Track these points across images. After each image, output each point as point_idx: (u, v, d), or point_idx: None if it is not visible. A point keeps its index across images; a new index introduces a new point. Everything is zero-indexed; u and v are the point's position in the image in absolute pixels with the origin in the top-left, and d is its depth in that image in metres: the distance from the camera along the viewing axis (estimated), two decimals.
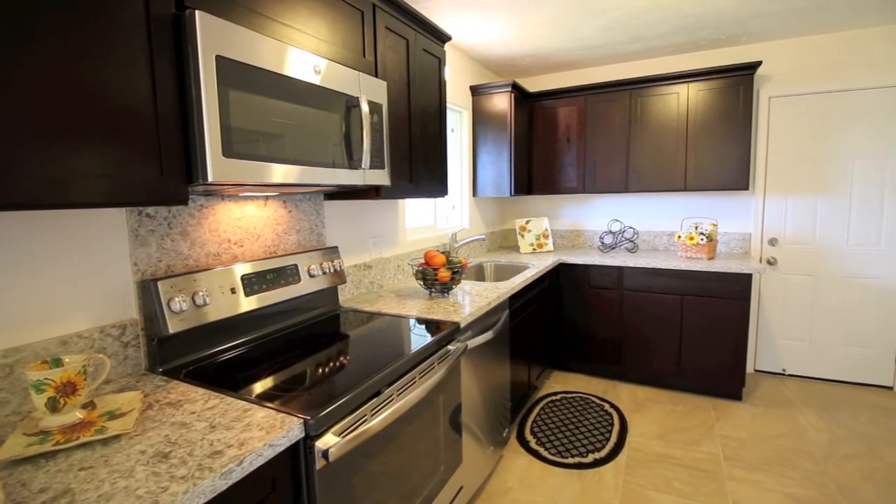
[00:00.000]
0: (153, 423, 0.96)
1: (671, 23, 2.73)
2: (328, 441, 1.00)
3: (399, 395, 1.28)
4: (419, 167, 2.05)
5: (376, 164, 1.58)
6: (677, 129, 3.09)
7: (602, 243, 3.64)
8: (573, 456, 2.32)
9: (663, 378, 3.09)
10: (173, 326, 1.24)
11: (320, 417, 0.98)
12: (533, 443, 2.45)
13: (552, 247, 3.65)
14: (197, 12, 0.97)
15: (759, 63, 2.81)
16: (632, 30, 2.83)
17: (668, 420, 2.67)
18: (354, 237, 2.18)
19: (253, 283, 1.49)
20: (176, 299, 1.24)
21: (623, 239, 3.63)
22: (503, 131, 3.29)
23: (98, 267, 1.18)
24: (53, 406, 0.91)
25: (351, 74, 1.45)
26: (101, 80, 0.88)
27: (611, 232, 3.67)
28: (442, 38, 2.19)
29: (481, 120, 3.37)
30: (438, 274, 2.04)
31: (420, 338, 1.51)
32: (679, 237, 3.10)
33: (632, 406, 2.86)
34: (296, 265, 1.68)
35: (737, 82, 2.90)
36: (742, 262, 2.85)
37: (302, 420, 0.96)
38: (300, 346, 1.45)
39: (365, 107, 1.44)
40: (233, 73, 1.05)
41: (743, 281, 2.75)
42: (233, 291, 1.42)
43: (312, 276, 1.74)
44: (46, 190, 0.80)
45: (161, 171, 0.99)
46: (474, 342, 1.84)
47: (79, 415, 0.95)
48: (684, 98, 3.05)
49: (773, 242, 3.25)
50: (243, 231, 1.58)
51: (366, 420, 1.13)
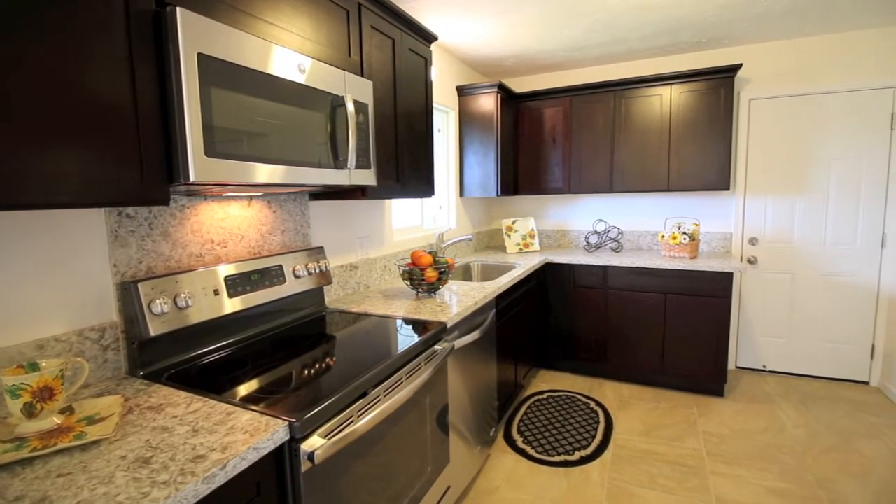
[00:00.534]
0: (134, 428, 0.94)
1: (654, 25, 2.77)
2: (314, 443, 0.99)
3: (386, 396, 1.28)
4: (406, 167, 2.05)
5: (362, 164, 1.57)
6: (660, 130, 3.14)
7: (587, 243, 3.68)
8: (560, 454, 2.34)
9: (647, 375, 3.14)
10: (154, 329, 1.21)
11: (306, 420, 0.97)
12: (520, 441, 2.46)
13: (538, 247, 3.67)
14: (178, 9, 0.96)
15: (740, 66, 2.87)
16: (615, 32, 2.87)
17: (653, 417, 2.71)
18: (340, 237, 2.17)
19: (237, 285, 1.47)
20: (157, 301, 1.22)
21: (608, 238, 3.67)
22: (490, 131, 3.30)
23: (76, 268, 1.16)
24: (30, 411, 0.89)
25: (336, 74, 1.44)
26: (78, 78, 0.86)
27: (596, 232, 3.71)
28: (428, 38, 2.19)
29: (468, 120, 3.38)
30: (425, 274, 2.04)
31: (407, 338, 1.51)
32: (662, 237, 3.15)
33: (617, 404, 2.89)
34: (281, 266, 1.66)
35: (718, 85, 2.96)
36: (723, 261, 2.90)
37: (287, 422, 0.95)
38: (286, 348, 1.44)
39: (350, 106, 1.44)
40: (215, 72, 1.04)
41: (724, 280, 2.80)
42: (216, 293, 1.40)
43: (298, 277, 1.72)
44: (18, 190, 0.78)
45: (141, 171, 0.97)
46: (461, 342, 1.84)
47: (56, 420, 0.93)
48: (667, 100, 3.10)
49: (754, 242, 3.32)
50: (227, 232, 1.56)
51: (352, 421, 1.13)
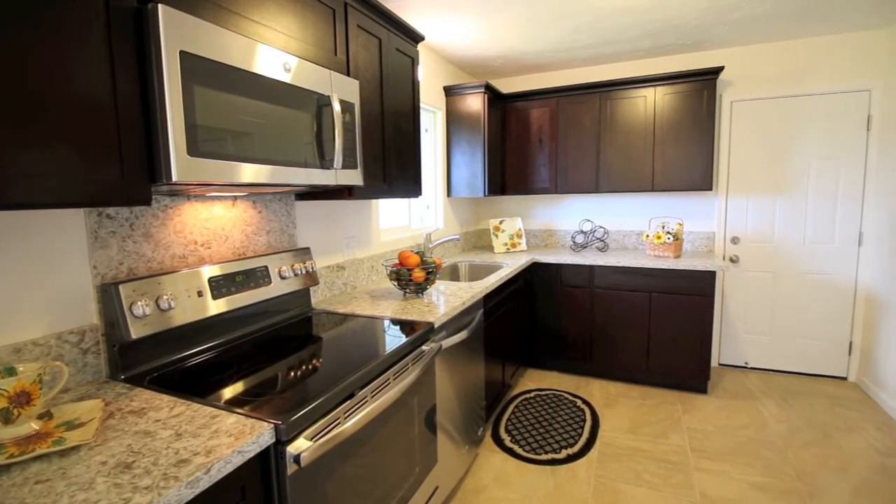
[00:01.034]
0: (115, 433, 0.92)
1: (638, 28, 2.80)
2: (300, 446, 0.98)
3: (373, 397, 1.27)
4: (393, 167, 2.04)
5: (349, 164, 1.56)
6: (645, 131, 3.18)
7: (574, 242, 3.71)
8: (547, 452, 2.35)
9: (633, 373, 3.18)
10: (136, 331, 1.19)
11: (292, 422, 0.97)
12: (508, 441, 2.47)
13: (525, 246, 3.69)
14: (160, 6, 0.94)
15: (721, 68, 2.92)
16: (601, 33, 2.90)
17: (638, 414, 2.74)
18: (327, 238, 2.15)
19: (221, 286, 1.45)
20: (139, 303, 1.20)
21: (594, 238, 3.71)
22: (477, 132, 3.31)
23: (54, 270, 1.13)
24: (6, 417, 0.87)
25: (322, 73, 1.43)
26: (56, 76, 0.84)
27: (582, 231, 3.74)
28: (415, 38, 2.19)
29: (455, 120, 3.38)
30: (413, 274, 2.03)
31: (394, 339, 1.50)
32: (647, 236, 3.19)
33: (603, 401, 2.92)
34: (266, 267, 1.65)
35: (700, 87, 3.01)
36: (706, 260, 2.95)
37: (273, 425, 0.94)
38: (271, 350, 1.42)
39: (337, 106, 1.43)
40: (198, 70, 1.02)
41: (707, 278, 2.85)
42: (199, 294, 1.38)
43: (284, 278, 1.70)
44: None
45: (122, 171, 0.95)
46: (449, 342, 1.84)
47: (34, 426, 0.91)
48: (651, 101, 3.14)
49: (736, 241, 3.38)
50: (210, 232, 1.54)
51: (339, 423, 1.12)
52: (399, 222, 2.96)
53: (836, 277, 3.14)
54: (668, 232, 3.10)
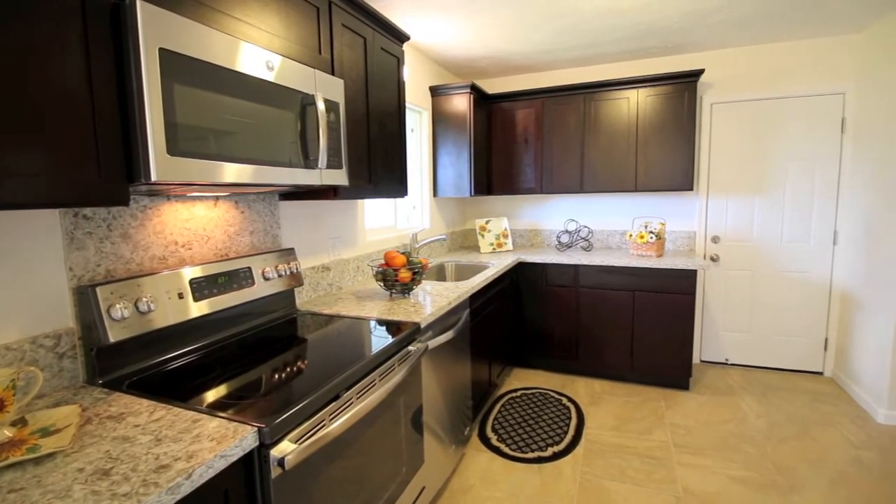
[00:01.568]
0: (92, 439, 0.90)
1: (622, 30, 2.84)
2: (284, 448, 0.97)
3: (359, 399, 1.27)
4: (378, 167, 2.03)
5: (333, 164, 1.55)
6: (628, 133, 3.22)
7: (559, 242, 3.74)
8: (533, 450, 2.37)
9: (617, 371, 3.21)
10: (114, 335, 1.16)
11: (276, 425, 0.95)
12: (494, 440, 2.48)
13: (511, 246, 3.71)
14: (138, 2, 0.92)
15: (702, 71, 2.97)
16: (585, 35, 2.92)
17: (623, 411, 2.78)
18: (312, 238, 2.13)
19: (203, 288, 1.43)
20: (117, 306, 1.17)
21: (579, 238, 3.74)
22: (463, 132, 3.31)
23: (28, 272, 1.10)
24: None
25: (306, 72, 1.41)
26: (30, 73, 0.81)
27: (567, 231, 3.77)
28: (400, 38, 2.18)
29: (441, 120, 3.38)
30: (399, 275, 2.03)
31: (380, 339, 1.50)
32: (630, 236, 3.23)
33: (588, 399, 2.95)
34: (249, 268, 1.62)
35: (682, 89, 3.06)
36: (688, 259, 3.00)
37: (256, 428, 0.93)
38: (255, 352, 1.40)
39: (321, 105, 1.42)
40: (178, 67, 1.00)
41: (689, 277, 2.90)
42: (180, 296, 1.35)
43: (267, 279, 1.68)
44: None
45: (99, 170, 0.93)
46: (435, 342, 1.84)
47: (7, 433, 0.88)
48: (634, 103, 3.18)
49: (716, 240, 3.45)
50: (192, 233, 1.51)
51: (324, 425, 1.11)
52: (385, 222, 2.95)
53: (813, 275, 3.23)
54: (651, 231, 3.14)
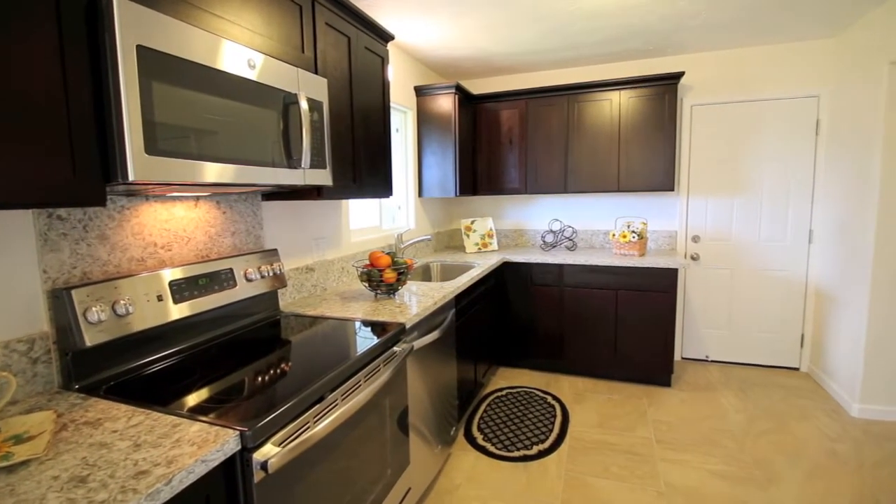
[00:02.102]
0: (68, 446, 0.88)
1: (605, 32, 2.87)
2: (267, 452, 0.96)
3: (343, 400, 1.26)
4: (363, 167, 2.02)
5: (317, 164, 1.53)
6: (610, 134, 3.27)
7: (544, 242, 3.77)
8: (519, 449, 2.38)
9: (601, 369, 3.25)
10: (91, 339, 1.13)
11: (258, 428, 0.94)
12: (480, 439, 2.49)
13: (497, 246, 3.72)
14: None
15: (682, 73, 3.03)
16: (569, 37, 2.95)
17: (606, 408, 2.81)
18: (295, 239, 2.11)
19: (183, 290, 1.40)
20: (93, 309, 1.14)
21: (563, 237, 3.78)
22: (448, 132, 3.32)
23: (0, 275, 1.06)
24: None
25: (289, 70, 1.40)
26: (1, 70, 0.79)
27: (551, 231, 3.81)
28: (385, 37, 2.17)
29: (426, 120, 3.38)
30: (384, 275, 2.02)
31: (365, 340, 1.49)
32: (613, 235, 3.28)
33: (573, 397, 2.98)
34: (231, 269, 1.60)
35: (662, 91, 3.11)
36: (669, 258, 3.05)
37: (238, 432, 0.92)
38: (237, 355, 1.38)
39: (304, 104, 1.40)
40: (157, 65, 0.98)
41: (670, 275, 2.95)
42: (160, 299, 1.33)
43: (250, 281, 1.66)
44: None
45: (74, 170, 0.90)
46: (420, 342, 1.84)
47: None
48: (616, 104, 3.23)
49: (696, 239, 3.51)
50: (171, 234, 1.48)
51: (308, 427, 1.10)
52: (370, 223, 2.94)
53: (789, 273, 3.31)
54: (633, 231, 3.19)
